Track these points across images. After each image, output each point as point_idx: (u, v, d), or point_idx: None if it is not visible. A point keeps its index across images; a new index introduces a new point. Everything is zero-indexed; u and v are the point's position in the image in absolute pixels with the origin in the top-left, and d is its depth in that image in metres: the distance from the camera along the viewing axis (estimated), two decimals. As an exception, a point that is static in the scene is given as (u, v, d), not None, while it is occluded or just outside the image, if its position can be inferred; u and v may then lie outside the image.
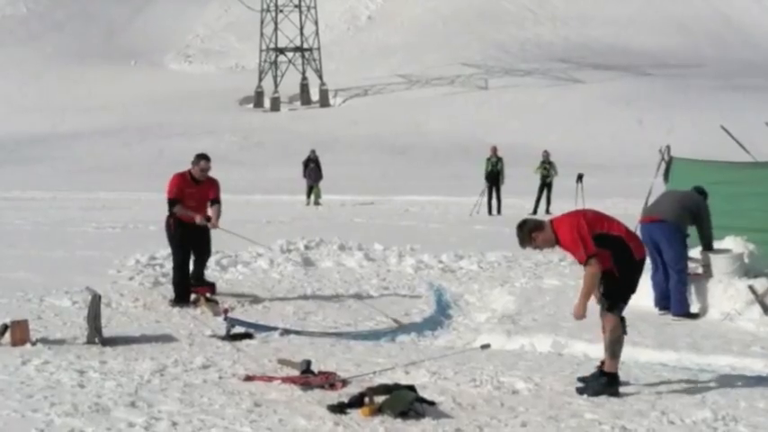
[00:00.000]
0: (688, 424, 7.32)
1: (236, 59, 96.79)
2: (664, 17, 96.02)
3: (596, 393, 8.05)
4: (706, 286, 11.97)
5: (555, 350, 10.33)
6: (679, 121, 65.27)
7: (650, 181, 15.76)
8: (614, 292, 8.22)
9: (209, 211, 12.55)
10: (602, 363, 8.35)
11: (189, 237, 12.56)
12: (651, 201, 15.13)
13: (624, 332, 8.26)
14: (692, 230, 12.47)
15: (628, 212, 16.79)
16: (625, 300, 8.28)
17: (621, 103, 72.47)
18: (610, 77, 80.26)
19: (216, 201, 12.60)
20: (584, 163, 42.58)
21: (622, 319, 8.24)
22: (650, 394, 8.13)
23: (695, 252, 12.56)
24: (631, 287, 8.30)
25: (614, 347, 8.21)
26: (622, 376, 8.41)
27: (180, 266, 12.59)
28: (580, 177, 29.94)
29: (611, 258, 8.13)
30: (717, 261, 12.14)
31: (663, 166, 15.54)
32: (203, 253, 12.81)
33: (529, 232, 8.35)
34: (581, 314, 8.13)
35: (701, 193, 12.33)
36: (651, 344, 10.36)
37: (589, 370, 9.02)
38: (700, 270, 12.30)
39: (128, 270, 15.16)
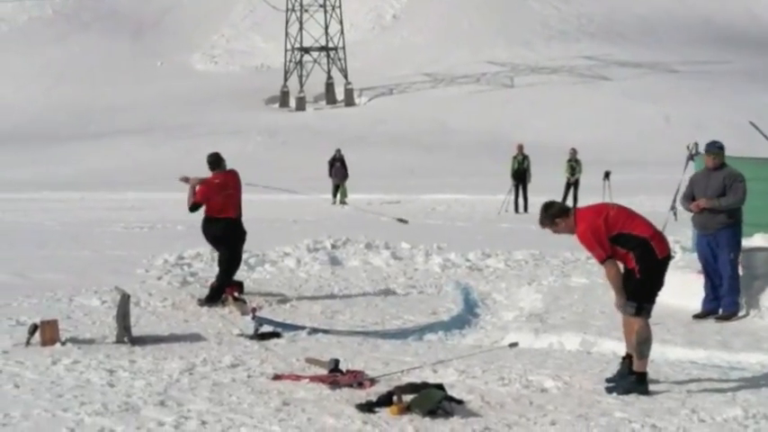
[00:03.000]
0: (719, 422, 7.27)
1: (262, 59, 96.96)
2: (691, 14, 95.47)
3: (626, 392, 8.01)
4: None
5: (584, 348, 10.29)
6: (706, 118, 64.88)
7: (678, 178, 15.66)
8: (639, 294, 8.13)
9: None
10: (627, 356, 8.29)
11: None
12: (679, 198, 15.04)
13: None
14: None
15: (655, 209, 16.70)
16: (650, 299, 8.20)
17: (648, 101, 72.11)
18: (636, 74, 79.87)
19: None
20: (611, 160, 42.40)
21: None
22: (680, 392, 8.09)
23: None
24: (657, 285, 8.22)
25: (642, 348, 8.16)
26: (652, 374, 8.36)
27: (227, 269, 12.76)
28: (607, 175, 29.80)
29: (634, 259, 8.07)
30: (748, 258, 12.06)
31: (690, 163, 15.45)
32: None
33: (552, 217, 8.34)
34: (623, 304, 8.14)
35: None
36: (681, 342, 10.31)
37: (618, 368, 8.99)
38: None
39: (156, 270, 15.22)
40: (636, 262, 8.08)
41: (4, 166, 59.02)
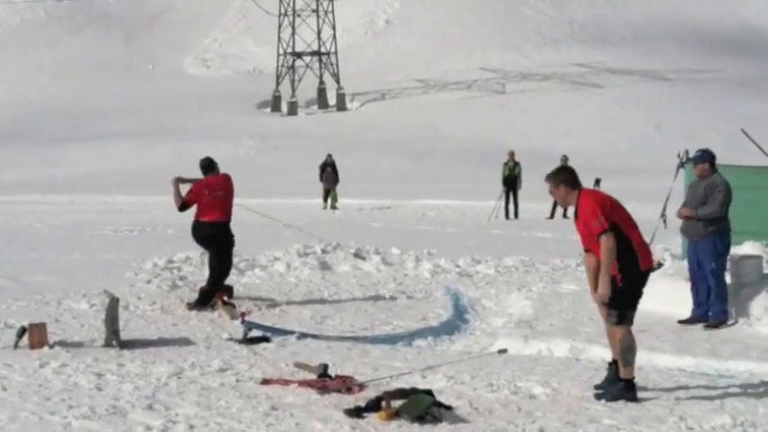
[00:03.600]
0: (707, 430, 7.29)
1: (254, 64, 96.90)
2: (682, 22, 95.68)
3: (614, 399, 8.02)
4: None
5: (572, 355, 10.31)
6: (697, 126, 65.03)
7: (669, 185, 15.69)
8: (620, 302, 8.10)
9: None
10: (614, 362, 8.28)
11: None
12: (670, 206, 15.06)
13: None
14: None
15: (646, 217, 16.71)
16: (632, 307, 8.17)
17: (639, 108, 72.25)
18: (628, 82, 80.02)
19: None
20: (601, 167, 42.45)
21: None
22: (668, 400, 8.10)
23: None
24: (638, 294, 8.20)
25: (626, 355, 8.16)
26: (640, 381, 8.37)
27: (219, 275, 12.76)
28: (597, 182, 29.89)
29: (617, 266, 8.04)
30: (737, 266, 12.08)
31: (681, 171, 15.48)
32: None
33: (560, 181, 8.26)
34: (605, 292, 8.01)
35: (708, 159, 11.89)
36: (669, 349, 10.33)
37: (606, 375, 9.00)
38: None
39: (145, 273, 15.21)
40: (619, 270, 8.05)
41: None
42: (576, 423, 7.38)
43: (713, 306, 11.58)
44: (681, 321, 11.62)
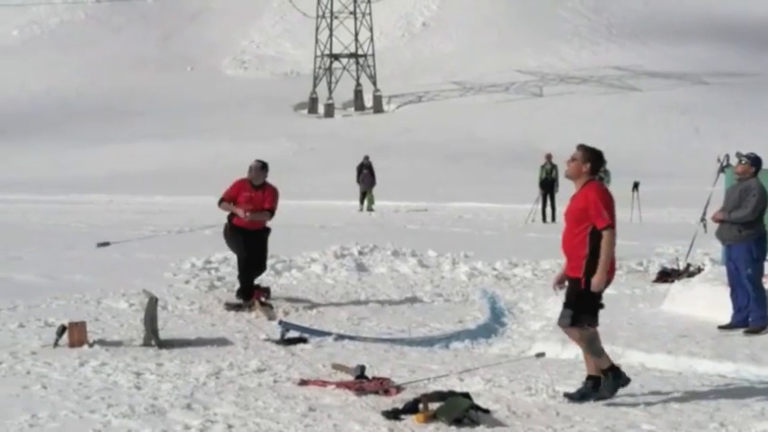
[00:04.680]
0: (747, 436, 7.22)
1: (291, 65, 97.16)
2: (720, 25, 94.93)
3: (612, 392, 7.97)
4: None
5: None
6: (736, 130, 64.48)
7: (708, 190, 15.59)
8: (580, 304, 8.04)
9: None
10: (589, 377, 8.19)
11: (246, 242, 12.72)
12: (709, 210, 14.96)
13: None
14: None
15: (685, 221, 16.62)
16: (589, 312, 8.07)
17: (677, 112, 71.76)
18: (666, 86, 79.48)
19: (269, 210, 12.70)
20: (639, 171, 42.18)
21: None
22: (708, 406, 8.03)
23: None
24: (597, 304, 8.11)
25: (592, 349, 8.11)
26: (680, 387, 8.32)
27: (243, 268, 12.72)
28: (636, 186, 29.70)
29: (584, 268, 7.95)
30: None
31: (721, 175, 15.37)
32: (257, 266, 12.90)
33: (587, 159, 8.33)
34: (599, 282, 7.94)
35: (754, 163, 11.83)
36: (709, 355, 10.24)
37: (646, 380, 8.96)
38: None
39: (184, 273, 15.28)
40: (584, 275, 7.97)
41: (34, 167, 59.46)
42: (614, 428, 7.33)
43: (753, 312, 11.47)
44: (721, 327, 11.52)
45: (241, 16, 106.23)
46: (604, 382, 8.07)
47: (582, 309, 8.05)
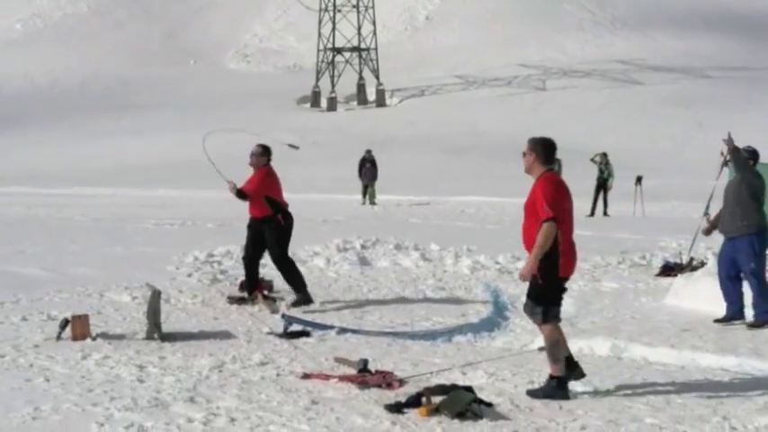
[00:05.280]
0: (750, 430, 7.21)
1: (294, 59, 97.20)
2: (725, 18, 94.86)
3: (547, 396, 7.94)
4: None
5: (614, 354, 10.22)
6: (740, 124, 64.40)
7: (711, 184, 15.56)
8: (545, 297, 8.03)
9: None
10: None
11: (249, 229, 12.72)
12: (713, 204, 14.91)
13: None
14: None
15: (688, 215, 16.60)
16: (557, 303, 8.07)
17: (681, 106, 71.73)
18: (669, 79, 79.44)
19: (240, 190, 12.60)
20: (643, 165, 42.18)
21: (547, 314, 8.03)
22: (711, 399, 8.02)
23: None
24: (559, 294, 8.12)
25: (553, 351, 8.09)
26: (683, 381, 8.31)
27: (243, 257, 12.67)
28: (639, 180, 29.68)
29: (540, 263, 7.95)
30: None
31: (724, 169, 15.33)
32: (252, 257, 12.84)
33: (535, 150, 8.16)
34: (528, 274, 7.98)
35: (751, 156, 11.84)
36: (712, 348, 10.22)
37: (649, 374, 8.96)
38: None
39: (186, 267, 15.27)
40: (539, 270, 7.97)
41: (37, 160, 59.51)
42: (617, 421, 7.33)
43: (756, 306, 11.45)
44: (717, 320, 11.50)
45: (244, 10, 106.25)
46: (548, 383, 8.05)
47: (548, 303, 8.04)
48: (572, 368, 8.06)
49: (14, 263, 15.27)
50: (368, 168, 35.26)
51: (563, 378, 8.03)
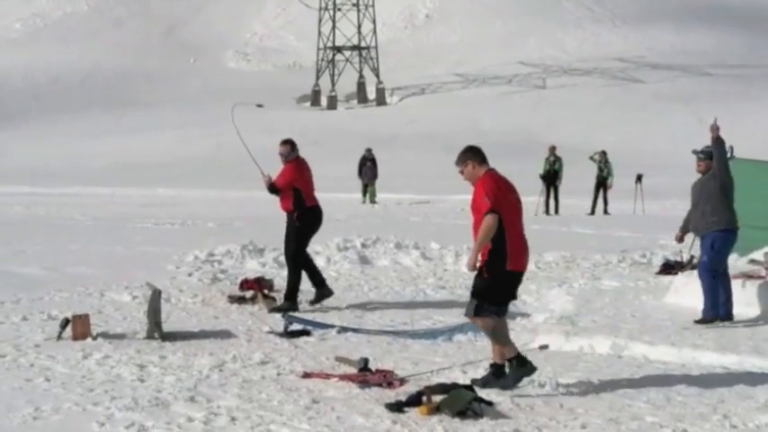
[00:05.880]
0: (751, 428, 7.22)
1: (294, 58, 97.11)
2: (724, 15, 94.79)
3: (517, 380, 8.00)
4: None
5: (614, 352, 10.22)
6: (740, 121, 64.39)
7: (712, 182, 15.54)
8: (482, 293, 8.05)
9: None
10: (492, 365, 8.23)
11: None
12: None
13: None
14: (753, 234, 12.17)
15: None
16: (495, 302, 8.07)
17: (681, 103, 71.67)
18: (669, 77, 79.38)
19: (273, 183, 12.57)
20: (643, 163, 42.15)
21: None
22: (712, 398, 8.03)
23: (759, 254, 12.35)
24: (503, 293, 8.13)
25: (496, 338, 8.13)
26: (683, 379, 8.31)
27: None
28: (639, 178, 29.67)
29: (487, 254, 7.98)
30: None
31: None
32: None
33: (467, 159, 8.35)
34: (471, 265, 8.04)
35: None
36: (712, 346, 10.21)
37: (648, 372, 8.96)
38: (763, 272, 12.11)
39: (186, 266, 15.27)
40: (485, 261, 7.99)
41: (36, 158, 59.52)
42: (618, 420, 7.33)
43: (705, 301, 11.33)
44: (697, 321, 11.36)
45: (244, 8, 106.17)
46: (509, 370, 8.06)
47: (485, 298, 8.05)
48: (522, 363, 8.04)
49: (15, 262, 15.28)
50: (368, 167, 35.23)
51: (519, 356, 8.05)
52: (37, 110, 79.00)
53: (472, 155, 8.34)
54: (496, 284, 8.04)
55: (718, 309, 11.25)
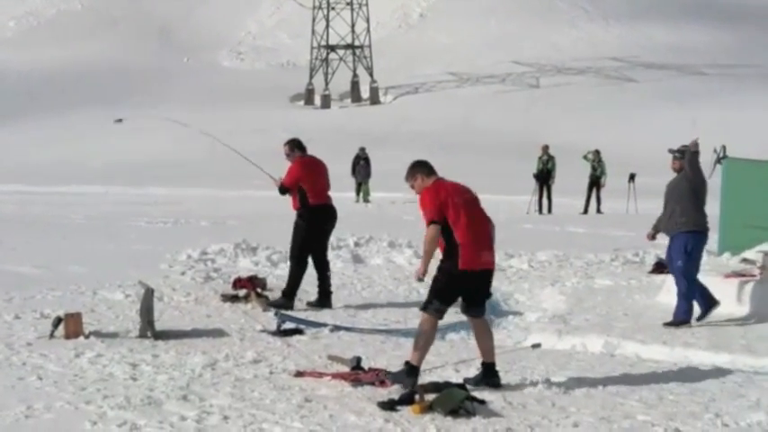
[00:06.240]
0: (742, 427, 7.23)
1: (288, 57, 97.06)
2: (717, 14, 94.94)
3: (396, 381, 8.00)
4: (761, 288, 11.80)
5: (606, 351, 10.25)
6: (733, 121, 64.51)
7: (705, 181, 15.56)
8: (432, 291, 8.15)
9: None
10: (483, 364, 8.25)
11: None
12: (707, 201, 14.92)
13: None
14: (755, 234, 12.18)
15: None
16: (443, 300, 8.12)
17: (674, 103, 71.74)
18: (663, 76, 79.47)
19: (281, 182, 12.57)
20: (636, 163, 42.15)
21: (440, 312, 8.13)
22: (704, 396, 8.05)
23: (751, 253, 12.38)
24: (456, 292, 8.17)
25: (418, 339, 8.16)
26: (676, 378, 8.33)
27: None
28: (632, 177, 29.70)
29: (442, 255, 8.11)
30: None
31: (717, 166, 15.37)
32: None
33: (416, 173, 8.53)
34: (420, 274, 8.21)
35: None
36: (704, 345, 10.25)
37: (641, 371, 8.99)
38: (756, 271, 12.13)
39: (179, 265, 15.25)
40: (441, 260, 8.13)
41: (30, 157, 59.44)
42: (610, 418, 7.34)
43: (678, 306, 11.28)
44: (666, 324, 11.33)
45: (237, 7, 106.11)
46: (402, 369, 8.07)
47: (434, 296, 8.14)
48: (411, 374, 8.01)
49: (7, 261, 15.25)
50: (361, 166, 35.25)
51: (416, 368, 8.03)
52: (31, 109, 78.86)
53: (420, 168, 8.51)
54: (448, 284, 8.11)
55: (691, 314, 11.26)
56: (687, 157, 11.61)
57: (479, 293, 8.33)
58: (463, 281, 8.12)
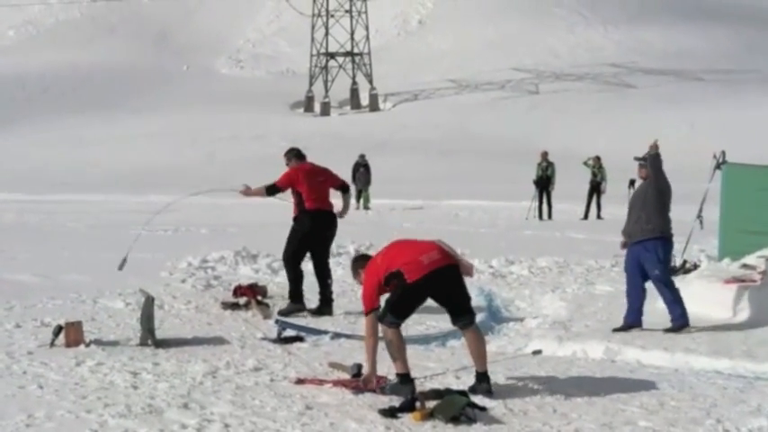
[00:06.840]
0: (744, 432, 7.23)
1: (287, 64, 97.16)
2: (716, 20, 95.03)
3: (393, 392, 7.99)
4: (762, 293, 11.80)
5: (607, 357, 10.24)
6: (732, 126, 64.53)
7: (704, 186, 15.60)
8: (387, 303, 8.18)
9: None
10: (476, 373, 8.26)
11: None
12: (706, 207, 14.97)
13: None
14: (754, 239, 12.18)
15: (680, 218, 16.62)
16: (395, 314, 8.13)
17: (673, 108, 71.78)
18: (661, 82, 79.54)
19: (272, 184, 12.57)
20: (636, 168, 42.20)
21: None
22: (705, 402, 8.04)
23: (751, 258, 12.37)
24: (404, 308, 8.18)
25: (390, 351, 8.15)
26: (677, 384, 8.32)
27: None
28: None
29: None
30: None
31: (717, 172, 15.38)
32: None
33: (357, 267, 8.62)
34: (373, 385, 8.18)
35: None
36: (705, 351, 10.24)
37: (641, 377, 8.97)
38: (756, 276, 12.12)
39: (180, 273, 15.26)
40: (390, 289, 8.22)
41: (29, 165, 59.44)
42: (611, 425, 7.34)
43: (672, 312, 11.27)
44: (615, 330, 11.27)
45: (237, 15, 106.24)
46: (395, 381, 8.10)
47: (388, 309, 8.15)
48: (404, 382, 8.05)
49: (7, 270, 15.25)
50: (361, 173, 35.25)
51: (406, 374, 8.05)
52: (30, 117, 78.88)
53: (361, 263, 8.60)
54: (402, 297, 8.14)
55: (687, 315, 11.27)
56: (649, 161, 11.71)
57: (453, 296, 8.28)
58: (418, 291, 8.15)
